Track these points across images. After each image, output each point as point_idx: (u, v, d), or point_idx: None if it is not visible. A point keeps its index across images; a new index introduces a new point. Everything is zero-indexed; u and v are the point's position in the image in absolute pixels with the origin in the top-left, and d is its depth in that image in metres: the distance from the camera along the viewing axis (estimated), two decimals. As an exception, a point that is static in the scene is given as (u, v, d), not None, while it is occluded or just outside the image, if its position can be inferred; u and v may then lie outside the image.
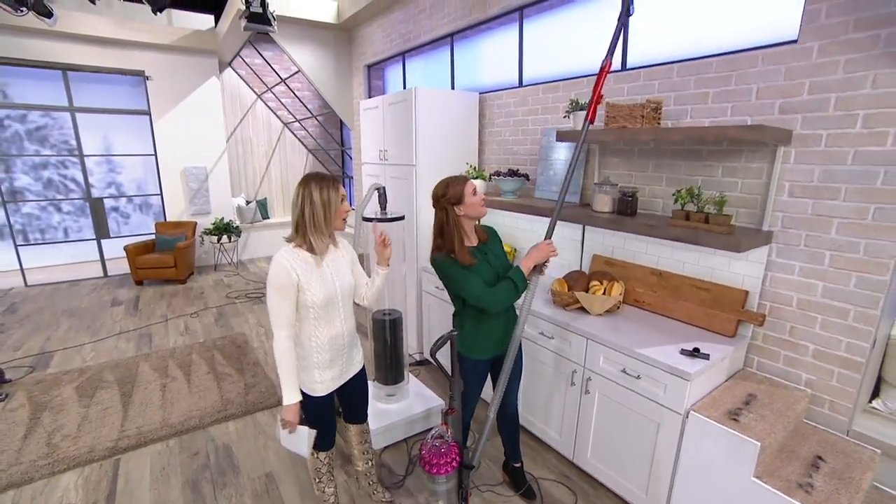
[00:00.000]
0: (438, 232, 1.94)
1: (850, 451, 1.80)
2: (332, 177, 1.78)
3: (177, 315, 4.82)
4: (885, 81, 1.66)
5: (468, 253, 1.90)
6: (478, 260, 1.92)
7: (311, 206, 1.68)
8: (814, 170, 1.88)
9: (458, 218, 1.90)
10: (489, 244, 2.04)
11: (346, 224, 1.85)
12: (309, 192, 1.69)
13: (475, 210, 1.92)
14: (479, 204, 1.93)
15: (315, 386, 1.81)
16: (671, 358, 1.90)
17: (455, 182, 1.91)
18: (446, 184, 1.92)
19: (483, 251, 1.98)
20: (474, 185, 1.96)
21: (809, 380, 1.98)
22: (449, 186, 1.90)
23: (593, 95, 1.87)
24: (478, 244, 2.00)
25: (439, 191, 1.92)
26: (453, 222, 1.89)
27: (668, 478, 1.94)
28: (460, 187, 1.89)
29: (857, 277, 1.80)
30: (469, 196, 1.90)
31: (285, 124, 7.52)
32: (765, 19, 2.04)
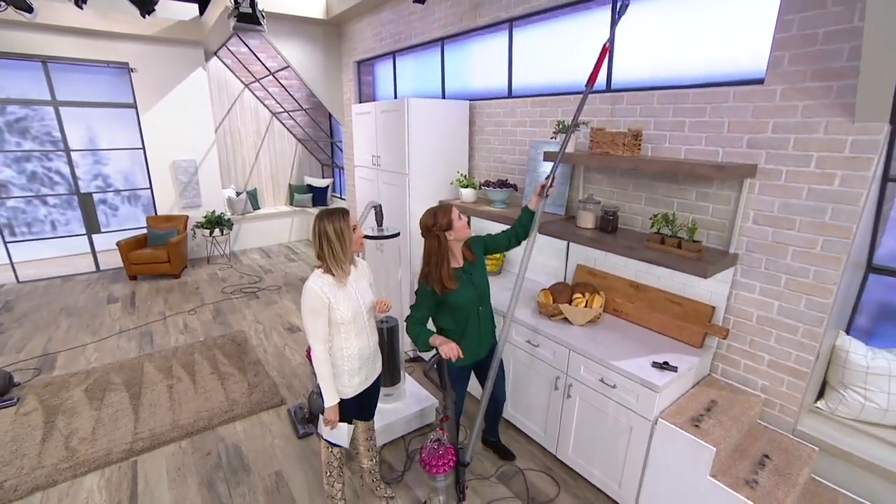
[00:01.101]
0: (428, 259, 2.13)
1: (793, 449, 2.07)
2: (342, 210, 1.96)
3: (175, 312, 4.94)
4: (835, 129, 1.84)
5: (452, 277, 2.10)
6: (461, 283, 2.13)
7: (328, 241, 1.89)
8: (774, 201, 2.07)
9: (449, 243, 2.10)
10: (475, 264, 2.24)
11: (363, 246, 2.02)
12: (324, 228, 1.90)
13: (463, 232, 2.13)
14: (465, 226, 2.14)
15: (345, 390, 2.05)
16: (644, 371, 2.13)
17: (442, 211, 2.10)
18: (433, 213, 2.10)
19: (468, 271, 2.19)
20: (458, 210, 2.14)
21: (764, 385, 2.24)
22: (437, 216, 2.09)
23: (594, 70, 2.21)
24: (463, 265, 2.19)
25: (429, 221, 2.10)
26: (444, 248, 2.08)
27: (638, 474, 2.20)
28: (448, 216, 2.08)
29: (807, 299, 2.03)
30: (456, 221, 2.10)
31: (274, 114, 7.48)
32: (739, 53, 2.19)
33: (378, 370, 2.25)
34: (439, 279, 2.08)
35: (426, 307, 2.15)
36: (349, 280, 1.99)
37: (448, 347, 1.97)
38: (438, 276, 2.08)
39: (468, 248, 2.25)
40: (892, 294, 2.24)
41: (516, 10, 3.18)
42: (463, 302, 2.14)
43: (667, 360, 2.19)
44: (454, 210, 2.11)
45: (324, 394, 1.97)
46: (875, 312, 2.32)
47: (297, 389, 3.50)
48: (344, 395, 2.05)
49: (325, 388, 1.96)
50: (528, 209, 2.32)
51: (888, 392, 2.09)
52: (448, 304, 2.15)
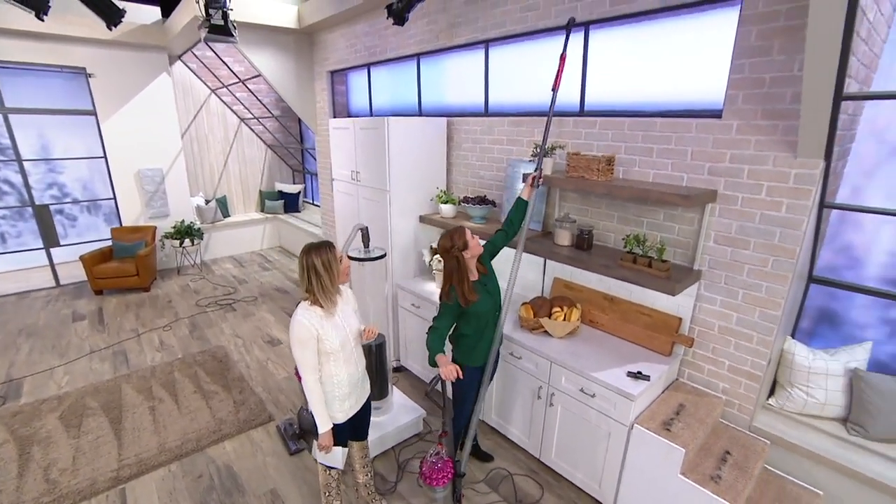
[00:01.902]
0: (448, 277, 2.30)
1: (749, 444, 2.32)
2: (327, 243, 2.05)
3: (148, 329, 4.82)
4: (781, 162, 2.08)
5: (473, 290, 2.29)
6: (480, 295, 2.31)
7: (316, 275, 1.96)
8: (732, 224, 2.30)
9: (466, 261, 2.28)
10: (488, 275, 2.43)
11: (349, 276, 2.10)
12: (312, 262, 1.96)
13: (477, 250, 2.32)
14: (478, 244, 2.33)
15: (337, 415, 2.13)
16: (620, 381, 2.33)
17: (457, 233, 2.27)
18: (450, 236, 2.28)
19: (483, 282, 2.38)
20: (469, 230, 2.31)
21: (725, 388, 2.48)
22: (454, 238, 2.26)
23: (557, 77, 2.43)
24: (479, 277, 2.38)
25: (447, 243, 2.27)
26: (463, 266, 2.27)
27: (616, 474, 2.40)
28: (463, 237, 2.27)
29: (760, 311, 2.28)
30: (471, 241, 2.28)
31: (242, 119, 7.32)
32: (701, 86, 2.39)
33: (367, 392, 2.35)
34: (462, 294, 2.26)
35: (450, 319, 2.31)
36: (336, 310, 2.07)
37: (447, 370, 2.10)
38: (461, 292, 2.26)
39: (479, 261, 2.40)
40: (828, 301, 2.55)
41: (492, 32, 3.31)
42: (483, 310, 2.33)
43: (640, 370, 2.39)
44: (467, 231, 2.29)
45: (317, 420, 2.04)
46: (815, 317, 2.63)
47: (284, 405, 3.53)
48: (336, 420, 2.12)
49: (318, 415, 2.04)
50: (522, 199, 2.52)
51: (825, 388, 2.38)
52: (469, 314, 2.32)
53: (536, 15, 2.97)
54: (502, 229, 2.54)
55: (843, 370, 2.36)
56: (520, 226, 2.52)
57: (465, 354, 2.41)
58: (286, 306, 5.41)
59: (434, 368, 2.25)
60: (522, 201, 2.53)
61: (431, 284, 3.72)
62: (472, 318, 2.33)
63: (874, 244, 2.41)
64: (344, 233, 4.45)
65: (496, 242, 2.52)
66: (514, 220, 2.53)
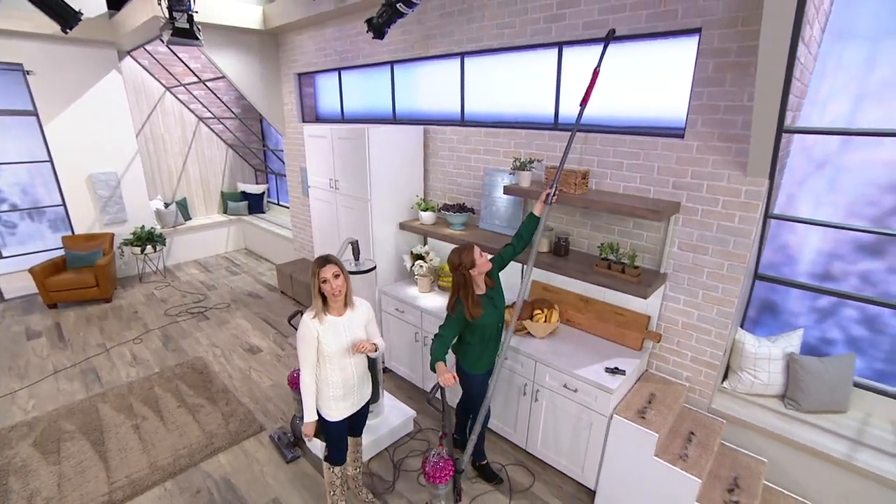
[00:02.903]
0: (456, 291, 2.45)
1: (709, 424, 2.66)
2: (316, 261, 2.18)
3: (117, 343, 4.65)
4: (734, 180, 2.37)
5: (479, 304, 2.44)
6: (485, 309, 2.47)
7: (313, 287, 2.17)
8: (693, 232, 2.59)
9: (473, 277, 2.42)
10: (495, 288, 2.58)
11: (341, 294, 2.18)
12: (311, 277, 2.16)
13: (485, 267, 2.46)
14: (486, 262, 2.46)
15: (331, 413, 2.31)
16: (599, 376, 2.59)
17: (465, 252, 2.40)
18: (459, 254, 2.41)
19: (490, 296, 2.54)
20: (478, 248, 2.45)
21: (688, 376, 2.81)
22: (462, 255, 2.40)
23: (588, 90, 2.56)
24: (486, 290, 2.52)
25: (455, 260, 2.41)
26: (469, 282, 2.42)
27: (597, 459, 2.68)
28: (471, 255, 2.40)
29: (717, 309, 2.60)
30: (478, 259, 2.42)
31: (200, 119, 7.03)
32: (667, 106, 2.63)
33: (366, 397, 2.50)
34: (468, 309, 2.41)
35: (455, 329, 2.46)
36: (341, 319, 2.23)
37: (445, 377, 2.26)
38: (467, 307, 2.41)
39: (488, 275, 2.54)
40: (769, 293, 2.93)
41: (468, 46, 3.43)
42: (488, 323, 2.49)
43: (617, 366, 2.66)
44: (476, 249, 2.42)
45: (304, 411, 2.26)
46: (759, 308, 3.01)
47: (273, 414, 3.58)
48: (331, 418, 2.31)
49: (306, 407, 2.25)
50: (534, 215, 2.62)
51: (768, 371, 2.76)
52: (475, 325, 2.48)
53: (513, 32, 3.12)
54: (511, 244, 2.64)
55: (781, 354, 2.74)
56: (530, 240, 2.63)
57: (471, 363, 2.59)
58: (261, 312, 5.36)
59: (432, 373, 2.41)
60: (534, 217, 2.62)
61: (414, 289, 3.86)
62: (477, 329, 2.50)
63: (805, 244, 2.78)
64: (322, 240, 4.48)
65: (505, 256, 2.62)
66: (525, 234, 2.62)
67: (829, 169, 2.61)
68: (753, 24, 2.13)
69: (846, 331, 2.77)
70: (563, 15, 2.83)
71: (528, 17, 3.00)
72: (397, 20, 2.97)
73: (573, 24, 2.80)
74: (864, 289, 2.60)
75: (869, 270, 2.60)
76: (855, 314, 2.72)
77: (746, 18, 2.16)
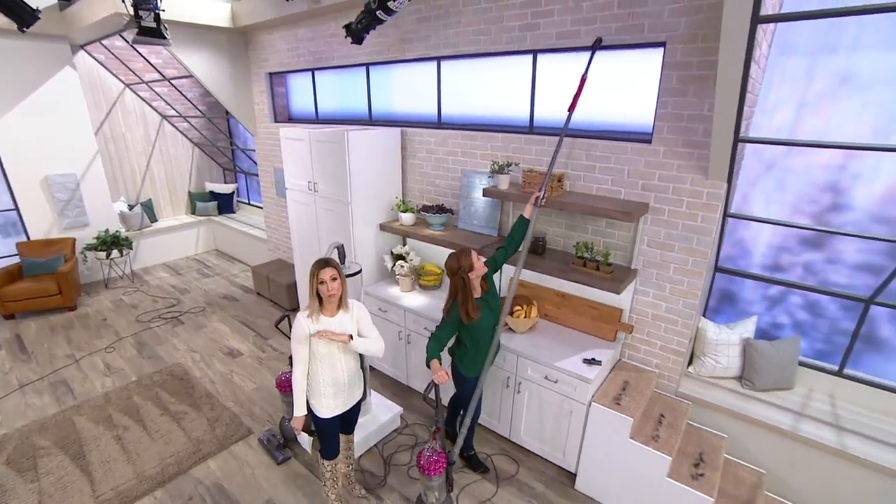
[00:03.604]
0: (454, 295, 2.54)
1: (676, 406, 2.90)
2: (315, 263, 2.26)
3: (87, 352, 4.50)
4: (697, 183, 2.58)
5: (476, 308, 2.54)
6: (482, 312, 2.57)
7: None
8: (661, 231, 2.80)
9: (472, 280, 2.52)
10: (490, 292, 2.69)
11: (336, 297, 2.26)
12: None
13: (482, 271, 2.57)
14: (483, 266, 2.57)
15: (322, 410, 2.40)
16: (577, 367, 2.77)
17: (463, 255, 2.50)
18: (458, 258, 2.50)
19: (485, 299, 2.65)
20: (475, 252, 2.56)
21: (657, 363, 3.04)
22: (460, 260, 2.49)
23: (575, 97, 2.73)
24: (482, 294, 2.64)
25: (454, 264, 2.50)
26: (468, 286, 2.51)
27: (577, 444, 2.87)
28: (470, 258, 2.50)
29: (683, 301, 2.83)
30: (476, 262, 2.52)
31: (164, 117, 6.78)
32: (636, 112, 2.81)
33: (357, 396, 2.60)
34: (466, 312, 2.51)
35: (451, 331, 2.58)
36: (333, 319, 2.31)
37: (438, 375, 2.39)
38: (465, 310, 2.51)
39: (483, 279, 2.65)
40: (728, 284, 3.19)
41: (444, 50, 3.51)
42: (485, 325, 2.61)
43: (594, 357, 2.86)
44: (473, 253, 2.51)
45: (294, 405, 2.36)
46: (719, 297, 3.28)
47: (260, 417, 3.60)
48: (322, 414, 2.41)
49: (295, 402, 2.36)
50: (524, 217, 2.73)
51: (728, 355, 3.03)
52: (472, 329, 2.59)
53: (489, 39, 3.23)
54: (503, 246, 2.74)
55: (738, 340, 3.01)
56: (521, 242, 2.75)
57: (467, 366, 2.71)
58: (238, 314, 5.30)
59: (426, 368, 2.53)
60: (524, 219, 2.74)
61: (395, 288, 3.94)
62: (474, 332, 2.61)
63: (757, 238, 3.05)
64: (301, 242, 4.48)
65: (498, 259, 2.71)
66: (517, 236, 2.73)
67: (776, 171, 2.87)
68: (712, 41, 2.32)
69: (792, 316, 3.07)
70: (537, 24, 2.95)
71: (503, 24, 3.11)
72: (376, 26, 3.01)
73: (547, 34, 2.94)
74: (807, 278, 2.89)
75: (811, 261, 2.89)
76: (800, 301, 3.02)
77: (705, 35, 2.35)
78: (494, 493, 2.92)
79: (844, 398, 2.84)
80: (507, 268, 3.56)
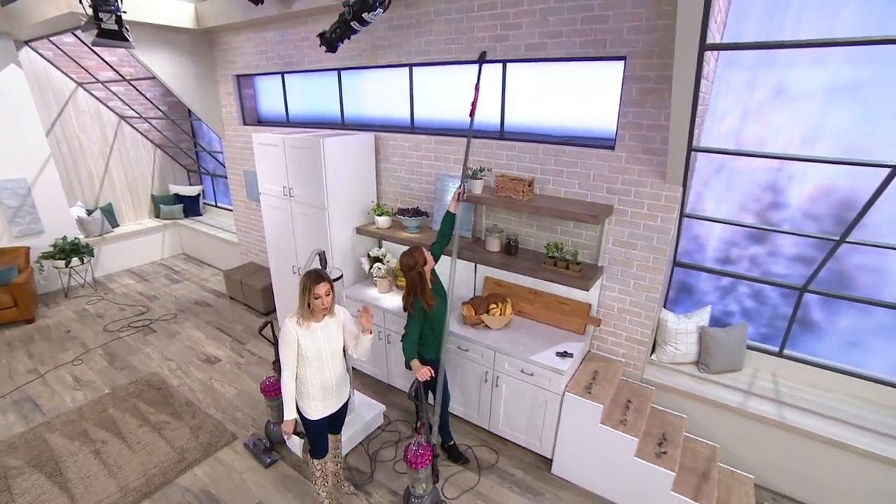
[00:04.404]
0: (413, 290, 2.71)
1: (641, 391, 3.16)
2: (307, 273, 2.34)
3: (52, 367, 4.35)
4: (656, 187, 2.81)
5: (432, 296, 2.73)
6: (437, 300, 2.76)
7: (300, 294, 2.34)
8: (625, 231, 3.02)
9: (425, 274, 2.69)
10: (437, 282, 2.89)
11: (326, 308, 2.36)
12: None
13: (432, 263, 2.77)
14: (432, 259, 2.77)
15: (311, 412, 2.50)
16: (551, 360, 2.97)
17: (417, 252, 2.69)
18: (412, 255, 2.68)
19: (436, 289, 2.84)
20: (424, 248, 2.74)
21: (624, 353, 3.29)
22: (414, 256, 2.67)
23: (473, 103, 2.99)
24: (433, 285, 2.82)
25: (411, 261, 2.67)
26: (424, 279, 2.69)
27: (553, 432, 3.09)
28: (423, 254, 2.69)
29: (645, 295, 3.07)
30: (428, 257, 2.71)
31: (122, 117, 6.51)
32: (600, 119, 3.00)
33: (345, 397, 2.70)
34: (426, 301, 2.68)
35: (418, 325, 2.73)
36: (319, 326, 2.41)
37: (421, 373, 2.52)
38: (425, 300, 2.68)
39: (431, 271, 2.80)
40: (685, 276, 3.48)
41: (416, 58, 3.60)
42: (441, 311, 2.80)
43: (566, 350, 3.07)
44: (422, 249, 2.71)
45: (284, 409, 2.43)
46: (677, 289, 3.56)
47: (243, 422, 3.62)
48: (311, 417, 2.50)
49: (285, 405, 2.42)
50: (450, 213, 3.01)
51: (686, 343, 3.31)
52: (431, 316, 2.76)
53: (459, 48, 3.34)
54: (437, 241, 2.98)
55: (695, 328, 3.30)
56: (451, 235, 3.00)
57: (428, 349, 2.88)
58: (212, 320, 5.24)
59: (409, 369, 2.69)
60: (451, 214, 3.01)
61: (374, 290, 4.03)
62: (432, 319, 2.79)
63: (710, 234, 3.34)
64: (276, 246, 4.48)
65: (435, 253, 2.91)
66: (447, 231, 2.99)
67: (725, 172, 3.14)
68: (667, 58, 2.53)
69: (741, 304, 3.39)
70: (506, 36, 3.09)
71: (474, 35, 3.23)
72: (350, 36, 3.06)
73: (516, 45, 3.08)
74: (752, 269, 3.20)
75: (756, 254, 3.20)
76: (747, 290, 3.34)
77: (660, 52, 2.56)
78: (477, 481, 3.10)
79: (784, 376, 3.18)
80: (483, 268, 3.73)
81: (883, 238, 2.66)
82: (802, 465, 2.87)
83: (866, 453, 2.62)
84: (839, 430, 2.73)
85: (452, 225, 3.00)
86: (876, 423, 2.78)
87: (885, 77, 2.44)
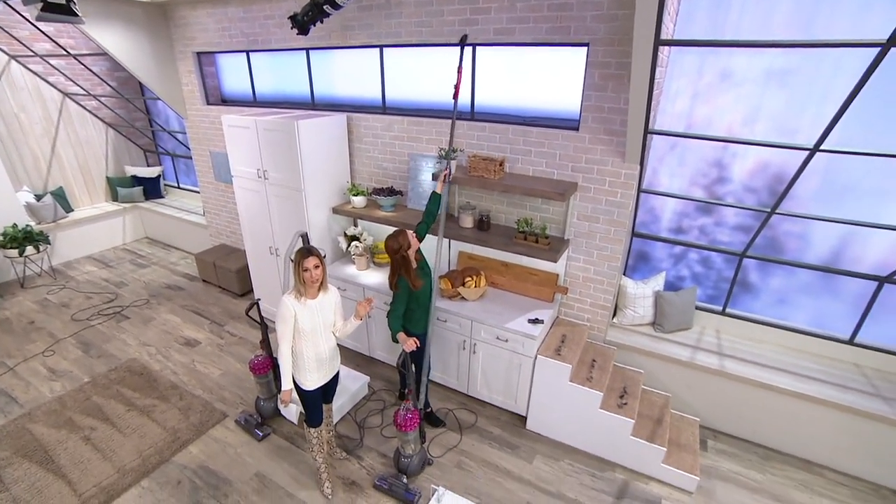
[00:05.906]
0: (398, 271, 2.87)
1: (605, 351, 3.51)
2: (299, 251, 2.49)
3: (21, 359, 4.25)
4: (616, 165, 3.06)
5: (418, 277, 2.90)
6: (423, 280, 2.93)
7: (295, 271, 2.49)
8: (588, 206, 3.28)
9: (409, 257, 2.85)
10: (422, 261, 3.05)
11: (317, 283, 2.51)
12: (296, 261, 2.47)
13: (416, 245, 2.92)
14: (417, 241, 2.92)
15: (307, 383, 2.68)
16: (524, 327, 3.25)
17: (401, 236, 2.82)
18: (397, 239, 2.81)
19: (421, 267, 3.01)
20: (409, 231, 2.88)
21: (588, 318, 3.61)
22: (399, 240, 2.81)
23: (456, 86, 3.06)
24: (418, 265, 2.97)
25: (395, 245, 2.81)
26: (409, 261, 2.85)
27: (527, 391, 3.40)
28: (407, 237, 2.83)
29: (607, 264, 3.37)
30: (412, 239, 2.86)
31: (66, 94, 6.11)
32: (565, 101, 3.19)
33: (337, 367, 2.88)
34: (411, 282, 2.84)
35: (404, 302, 2.90)
36: (314, 302, 2.57)
37: (408, 345, 2.73)
38: (410, 280, 2.84)
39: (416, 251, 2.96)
40: (643, 246, 3.81)
41: (387, 39, 3.63)
42: (426, 289, 2.98)
43: (537, 317, 3.35)
44: (408, 232, 2.85)
45: (281, 380, 2.60)
46: (636, 257, 3.90)
47: (231, 400, 3.74)
48: (306, 387, 2.68)
49: (283, 376, 2.60)
50: (437, 193, 3.15)
51: (644, 306, 3.67)
52: (417, 295, 2.93)
53: (430, 31, 3.40)
54: (423, 221, 3.13)
55: (651, 293, 3.66)
56: (436, 214, 3.16)
57: (414, 324, 3.06)
58: (187, 303, 5.22)
59: (397, 343, 2.89)
60: (437, 194, 3.16)
61: (352, 267, 4.16)
62: (418, 297, 2.97)
63: (665, 207, 3.66)
64: (252, 229, 4.49)
65: (420, 233, 3.08)
66: (433, 210, 3.14)
67: (678, 149, 3.43)
68: (626, 46, 2.72)
69: (691, 269, 3.77)
70: (476, 20, 3.19)
71: (444, 18, 3.30)
72: (323, 19, 3.06)
73: (485, 29, 3.18)
74: (701, 238, 3.56)
75: (704, 224, 3.55)
76: (696, 256, 3.71)
77: (620, 40, 2.75)
78: (459, 440, 3.39)
79: (726, 332, 3.62)
80: (456, 243, 3.93)
81: (807, 208, 3.04)
82: (739, 406, 3.32)
83: (791, 392, 3.07)
84: (769, 375, 3.17)
85: (438, 205, 3.14)
86: (799, 368, 3.25)
87: (810, 66, 2.74)
